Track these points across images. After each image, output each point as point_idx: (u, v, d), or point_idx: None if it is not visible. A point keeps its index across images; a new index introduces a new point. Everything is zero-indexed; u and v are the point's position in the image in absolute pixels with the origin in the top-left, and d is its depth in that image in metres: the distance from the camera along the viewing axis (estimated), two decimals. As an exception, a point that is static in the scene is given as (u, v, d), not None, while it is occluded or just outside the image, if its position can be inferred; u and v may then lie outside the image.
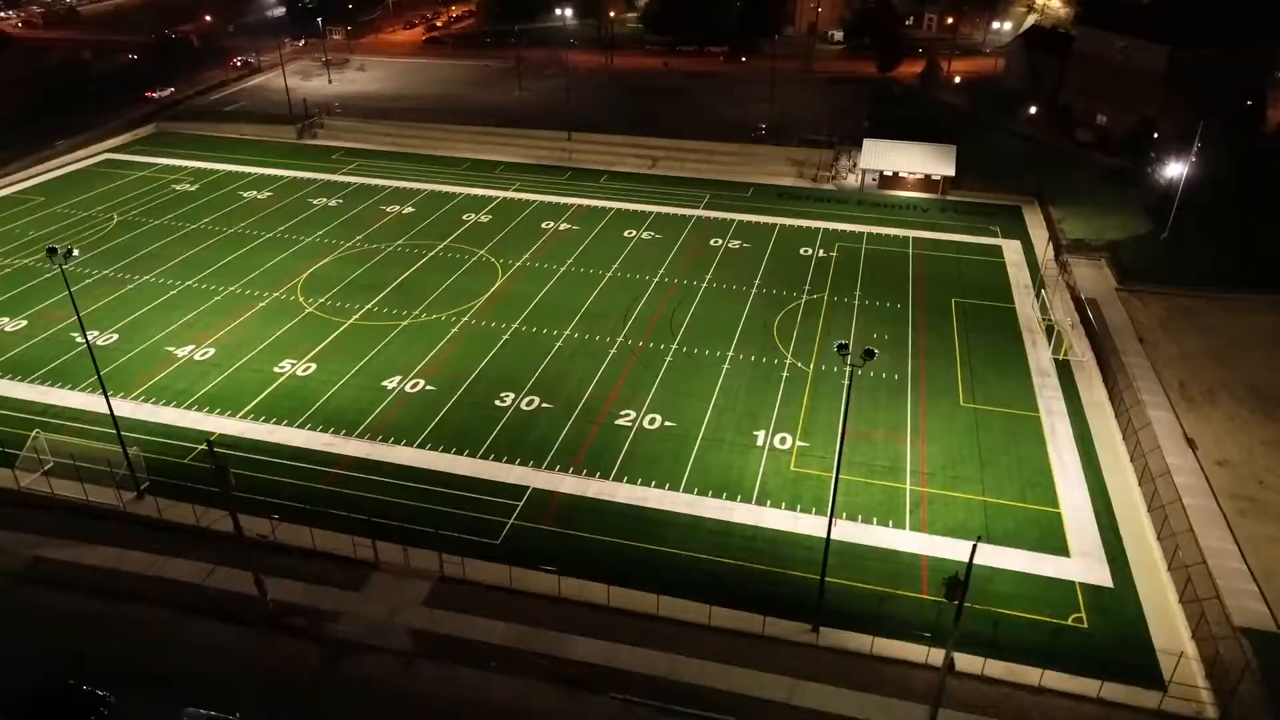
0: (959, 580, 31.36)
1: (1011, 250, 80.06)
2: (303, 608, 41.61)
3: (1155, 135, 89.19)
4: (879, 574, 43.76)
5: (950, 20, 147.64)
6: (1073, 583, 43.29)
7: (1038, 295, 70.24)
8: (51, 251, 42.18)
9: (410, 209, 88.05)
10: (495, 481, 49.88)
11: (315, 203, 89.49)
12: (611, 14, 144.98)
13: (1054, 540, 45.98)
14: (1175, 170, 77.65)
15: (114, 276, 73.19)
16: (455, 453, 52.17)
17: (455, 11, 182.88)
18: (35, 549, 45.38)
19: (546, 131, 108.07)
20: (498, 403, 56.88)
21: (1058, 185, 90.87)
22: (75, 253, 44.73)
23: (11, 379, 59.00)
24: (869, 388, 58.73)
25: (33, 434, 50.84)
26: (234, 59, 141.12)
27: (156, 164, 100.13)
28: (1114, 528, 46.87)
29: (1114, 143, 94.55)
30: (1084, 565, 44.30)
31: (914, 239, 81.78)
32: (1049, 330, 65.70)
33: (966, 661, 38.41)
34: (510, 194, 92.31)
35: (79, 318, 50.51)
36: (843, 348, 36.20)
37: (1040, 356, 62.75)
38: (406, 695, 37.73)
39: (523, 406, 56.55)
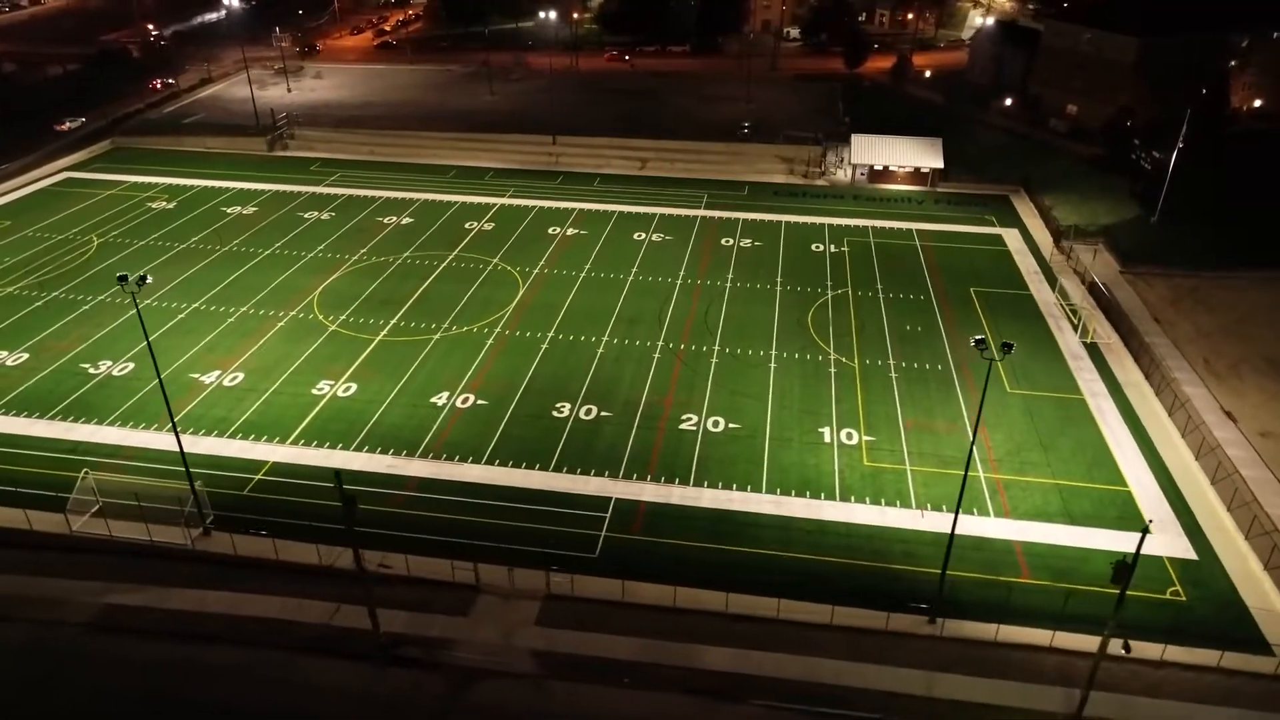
0: (1127, 564, 32.11)
1: (1012, 238, 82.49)
2: (413, 637, 40.16)
3: (1129, 123, 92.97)
4: (976, 562, 44.54)
5: (909, 16, 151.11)
6: (1160, 558, 44.83)
7: (1054, 283, 72.44)
8: (122, 280, 39.57)
9: (409, 219, 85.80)
10: (575, 494, 49.03)
11: (306, 216, 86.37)
12: (574, 15, 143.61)
13: (1131, 518, 47.56)
14: (1161, 156, 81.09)
15: (111, 302, 69.28)
16: (526, 467, 51.08)
17: (403, 15, 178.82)
18: (104, 596, 42.69)
19: (529, 136, 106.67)
20: (555, 414, 55.91)
21: (1041, 174, 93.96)
22: (149, 279, 42.00)
23: (29, 416, 55.28)
24: (918, 379, 59.77)
25: (81, 474, 47.78)
26: (154, 80, 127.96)
27: (123, 181, 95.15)
28: (1181, 501, 48.73)
29: (1091, 132, 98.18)
30: (1166, 540, 45.93)
31: (918, 231, 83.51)
32: (1069, 314, 67.98)
33: (1083, 641, 39.38)
34: (507, 200, 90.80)
35: (149, 349, 47.86)
36: (980, 342, 36.67)
37: (1069, 340, 64.81)
38: (543, 718, 36.78)
39: (582, 416, 55.70)
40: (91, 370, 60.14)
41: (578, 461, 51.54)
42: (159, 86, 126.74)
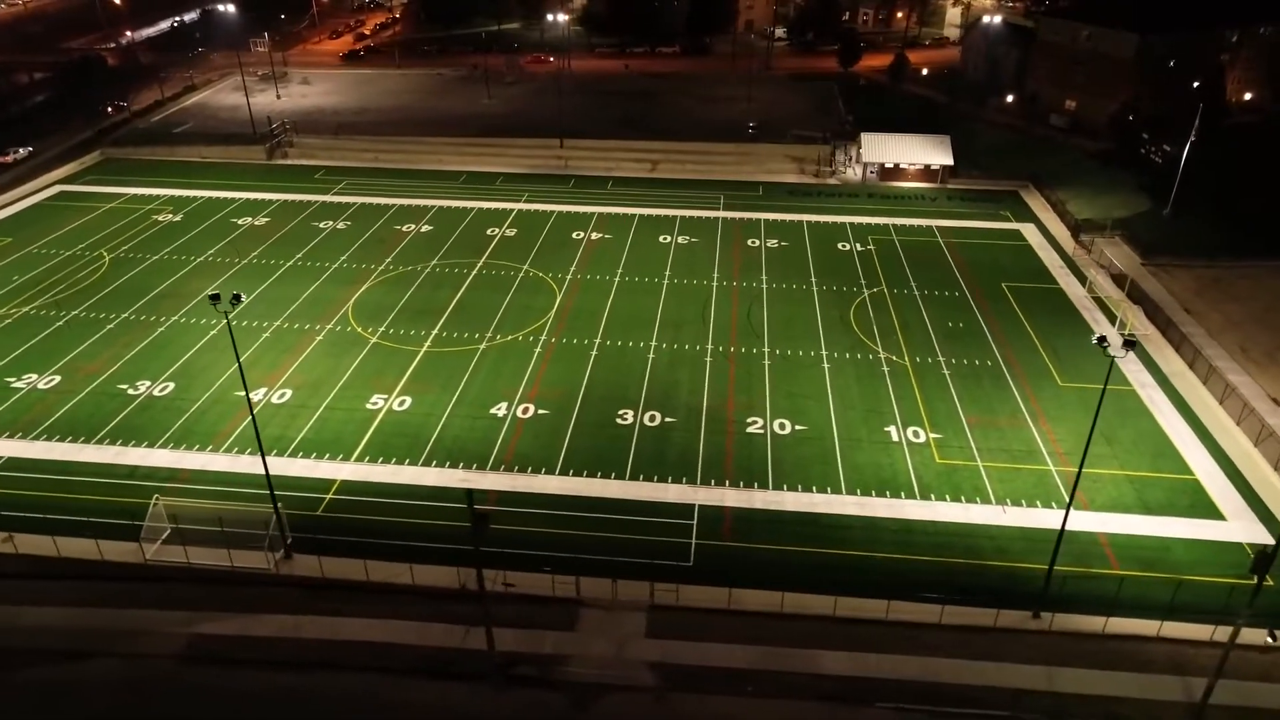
0: (1267, 554, 32.70)
1: (1030, 233, 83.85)
2: (525, 655, 39.43)
3: (1130, 118, 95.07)
4: (1066, 555, 44.48)
5: (900, 15, 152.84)
6: (1239, 544, 45.84)
7: (1083, 279, 73.68)
8: (214, 299, 38.20)
9: (428, 227, 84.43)
10: (657, 502, 48.62)
11: (322, 226, 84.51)
12: (565, 17, 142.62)
13: (1204, 506, 48.58)
14: (1172, 149, 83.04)
15: (135, 319, 67.07)
16: (602, 476, 50.55)
17: (381, 19, 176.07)
18: (191, 626, 41.28)
19: (535, 140, 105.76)
20: (620, 421, 55.41)
21: (1047, 169, 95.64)
22: (244, 298, 40.55)
23: (75, 441, 53.19)
24: (970, 375, 60.40)
25: (152, 500, 46.07)
26: (106, 104, 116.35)
27: (121, 194, 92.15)
28: (1249, 488, 49.87)
29: (1093, 127, 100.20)
30: (1242, 526, 47.00)
31: (938, 228, 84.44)
32: (1100, 305, 69.34)
33: (1191, 630, 40.11)
34: (523, 205, 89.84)
35: (240, 371, 46.36)
36: (1102, 340, 37.06)
37: (1107, 333, 65.92)
38: (670, 731, 36.43)
39: (647, 422, 55.28)
40: (130, 391, 58.12)
41: (653, 469, 51.14)
42: (111, 110, 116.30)
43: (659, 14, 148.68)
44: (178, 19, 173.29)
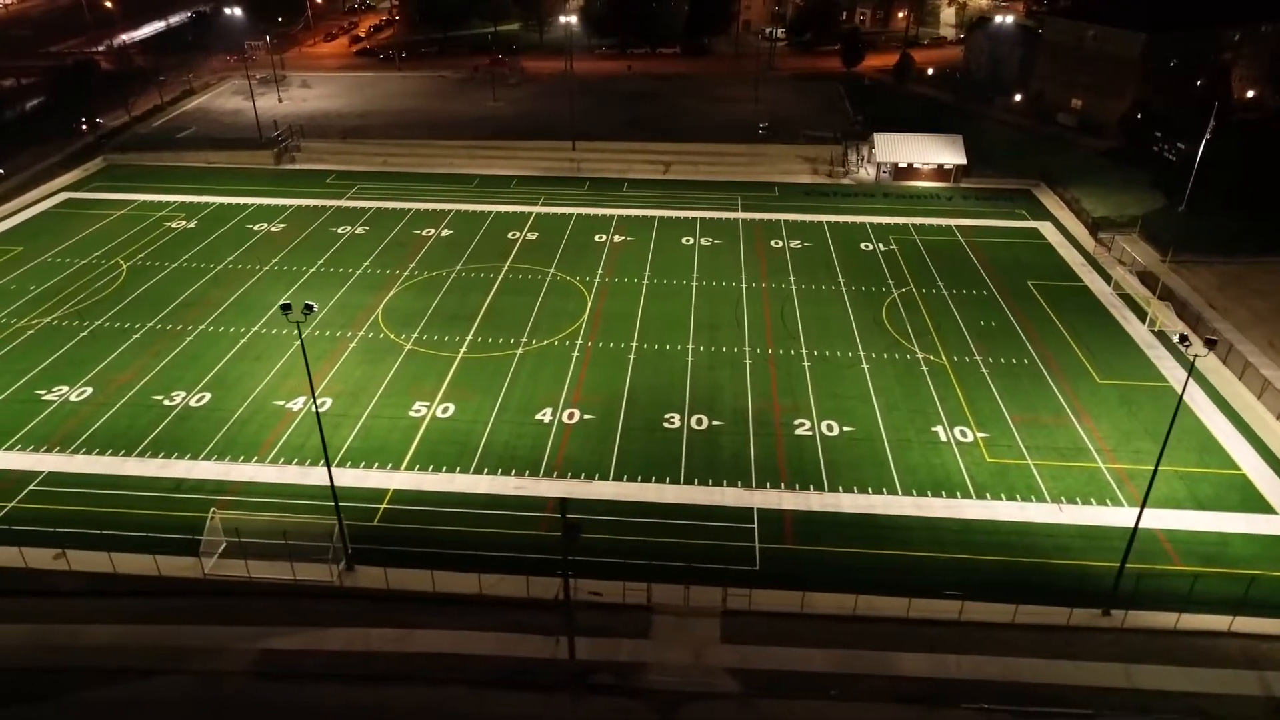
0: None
1: (1049, 231, 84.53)
2: (601, 663, 39.13)
3: (1139, 116, 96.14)
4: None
5: (901, 15, 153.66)
6: (1294, 538, 46.42)
7: (1108, 277, 74.27)
8: (286, 309, 37.60)
9: (448, 231, 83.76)
10: (714, 506, 48.47)
11: (340, 231, 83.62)
12: (574, 19, 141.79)
13: (1254, 500, 49.12)
14: (1186, 147, 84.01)
15: (162, 329, 65.98)
16: (656, 481, 50.33)
17: (375, 20, 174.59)
18: (259, 641, 40.60)
19: (546, 142, 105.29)
20: (667, 425, 55.20)
21: (1057, 168, 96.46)
22: (314, 307, 39.92)
23: (115, 454, 52.20)
24: (1008, 374, 60.72)
25: (210, 514, 45.31)
26: (80, 122, 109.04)
27: (130, 200, 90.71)
28: (1296, 482, 50.57)
29: (1102, 125, 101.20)
30: (1295, 520, 47.60)
31: (957, 227, 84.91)
32: (1127, 303, 70.03)
33: (1261, 625, 40.50)
34: (542, 209, 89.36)
35: (309, 381, 45.67)
36: (1184, 339, 37.29)
37: (1138, 329, 66.64)
38: (757, 738, 36.29)
39: (694, 426, 55.11)
40: (166, 402, 57.16)
41: (706, 473, 50.97)
42: (85, 128, 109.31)
43: (658, 15, 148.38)
44: (166, 21, 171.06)
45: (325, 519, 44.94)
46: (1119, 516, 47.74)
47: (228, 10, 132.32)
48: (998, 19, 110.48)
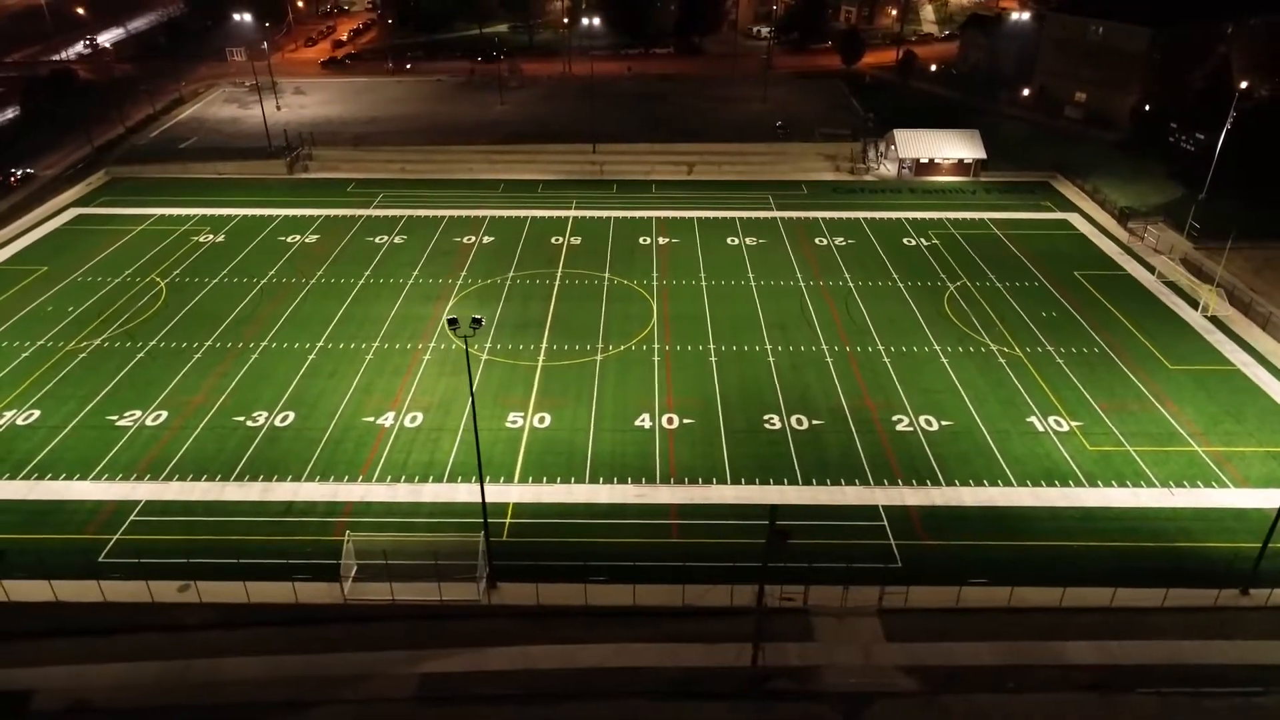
0: None
1: (1079, 222, 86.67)
2: (775, 668, 38.96)
3: (1147, 108, 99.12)
4: (1245, 532, 46.72)
5: (893, 12, 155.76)
6: (1394, 511, 48.33)
7: (1152, 267, 76.27)
8: (453, 324, 36.58)
9: (489, 238, 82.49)
10: (839, 505, 48.67)
11: (377, 241, 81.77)
12: (567, 21, 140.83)
13: (1348, 476, 51.12)
14: (1204, 137, 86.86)
15: (221, 347, 63.78)
16: (774, 483, 50.32)
17: (354, 24, 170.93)
18: (417, 665, 39.53)
19: (565, 145, 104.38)
20: (768, 426, 55.23)
21: (1071, 160, 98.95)
22: (482, 321, 38.87)
23: (212, 480, 50.31)
24: (1083, 362, 62.07)
25: (345, 537, 43.91)
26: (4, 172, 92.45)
27: (146, 215, 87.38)
28: (1380, 457, 52.71)
29: (1111, 118, 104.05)
30: (1391, 494, 49.59)
31: (991, 220, 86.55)
32: (1173, 289, 72.22)
33: (1390, 595, 42.15)
34: (576, 212, 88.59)
35: (472, 399, 44.10)
36: None
37: (1190, 315, 68.74)
38: (948, 734, 36.54)
39: (795, 426, 55.24)
40: (249, 424, 55.27)
41: (821, 472, 51.13)
42: (13, 182, 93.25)
43: (650, 16, 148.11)
44: (125, 28, 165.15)
45: (459, 536, 43.99)
46: (1227, 498, 49.20)
47: (247, 17, 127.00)
48: (1014, 15, 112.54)
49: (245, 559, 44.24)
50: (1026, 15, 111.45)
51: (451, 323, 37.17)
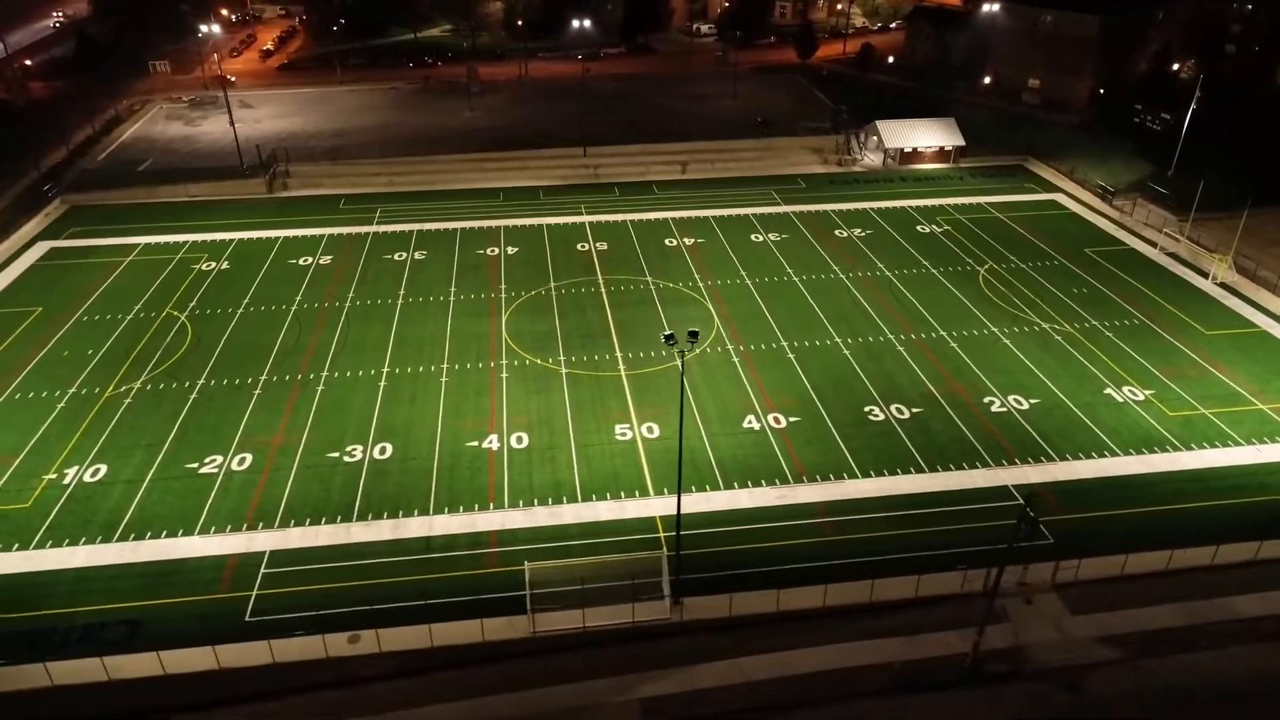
0: None
1: (1066, 201, 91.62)
2: (985, 652, 39.85)
3: (1102, 91, 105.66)
4: (1334, 481, 50.83)
5: (839, 6, 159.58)
6: None
7: (1151, 241, 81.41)
8: (669, 339, 35.59)
9: (512, 249, 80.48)
10: (971, 489, 50.11)
11: (397, 258, 78.51)
12: (519, 22, 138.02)
13: (1396, 420, 56.19)
14: (1170, 117, 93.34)
15: (279, 381, 60.06)
16: (901, 472, 51.37)
17: (277, 32, 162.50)
18: (632, 691, 38.56)
19: (553, 150, 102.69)
20: (872, 418, 56.25)
21: (1038, 142, 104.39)
22: (699, 333, 37.80)
23: (330, 523, 47.42)
24: (1129, 335, 65.78)
25: (524, 567, 42.16)
26: None
27: (130, 245, 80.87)
28: None
29: (1067, 102, 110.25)
30: None
31: (989, 204, 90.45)
32: (1176, 260, 77.46)
33: None
34: (591, 218, 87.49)
35: (681, 416, 42.45)
36: None
37: (1202, 283, 73.86)
38: (1175, 691, 38.22)
39: (896, 415, 56.47)
40: (346, 459, 52.34)
41: (938, 458, 52.45)
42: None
43: (593, 15, 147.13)
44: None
45: (630, 556, 43.05)
46: (1307, 452, 53.36)
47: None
48: (986, 8, 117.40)
49: (406, 601, 42.11)
50: (986, 8, 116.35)
51: (667, 338, 36.26)
